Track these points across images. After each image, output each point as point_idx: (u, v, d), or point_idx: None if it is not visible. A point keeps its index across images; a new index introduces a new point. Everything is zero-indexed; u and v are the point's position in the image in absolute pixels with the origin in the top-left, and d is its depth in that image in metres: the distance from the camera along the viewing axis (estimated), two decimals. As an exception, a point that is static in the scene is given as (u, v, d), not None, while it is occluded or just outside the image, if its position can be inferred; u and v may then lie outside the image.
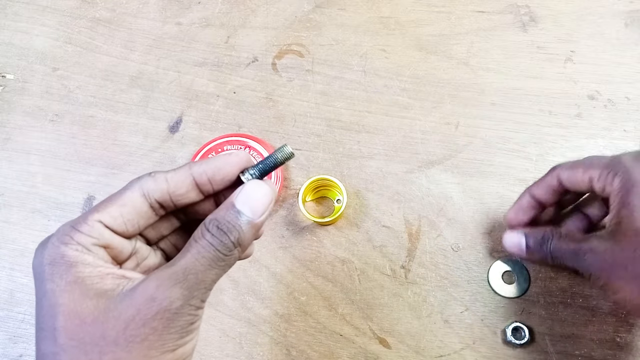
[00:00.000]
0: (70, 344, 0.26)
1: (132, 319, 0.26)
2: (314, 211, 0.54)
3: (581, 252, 0.37)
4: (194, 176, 0.31)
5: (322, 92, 0.60)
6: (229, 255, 0.28)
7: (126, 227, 0.29)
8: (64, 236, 0.28)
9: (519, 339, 0.47)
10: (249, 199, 0.29)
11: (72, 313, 0.26)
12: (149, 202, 0.30)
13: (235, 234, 0.28)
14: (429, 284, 0.51)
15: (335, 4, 0.64)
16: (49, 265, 0.27)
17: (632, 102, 0.56)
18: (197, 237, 0.28)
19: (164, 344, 0.26)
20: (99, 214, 0.29)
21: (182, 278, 0.27)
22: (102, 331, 0.26)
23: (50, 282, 0.27)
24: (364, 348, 0.49)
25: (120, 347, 0.26)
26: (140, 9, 0.66)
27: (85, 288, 0.26)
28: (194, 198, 0.31)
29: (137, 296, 0.26)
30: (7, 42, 0.65)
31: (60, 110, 0.61)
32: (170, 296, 0.26)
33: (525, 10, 0.62)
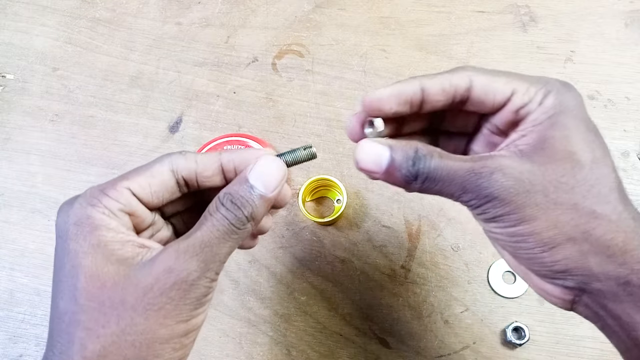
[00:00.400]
0: (89, 305, 0.27)
1: (150, 288, 0.27)
2: (314, 211, 0.54)
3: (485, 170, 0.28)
4: (222, 162, 0.32)
5: (322, 92, 0.60)
6: (242, 228, 0.29)
7: (152, 198, 0.30)
8: (92, 198, 0.29)
9: (519, 339, 0.47)
10: (262, 174, 0.30)
11: (94, 276, 0.27)
12: (176, 178, 0.31)
13: (249, 209, 0.29)
14: (429, 284, 0.51)
15: (335, 4, 0.64)
16: (74, 225, 0.28)
17: (632, 102, 0.56)
18: (212, 210, 0.29)
19: (179, 314, 0.28)
20: (128, 182, 0.30)
21: (198, 250, 0.28)
22: (122, 296, 0.27)
23: (74, 242, 0.28)
24: (364, 348, 0.49)
25: (137, 313, 0.27)
26: (140, 9, 0.66)
27: (107, 253, 0.27)
28: (217, 183, 0.32)
29: (156, 266, 0.27)
30: (7, 42, 0.65)
31: (60, 110, 0.61)
32: (188, 268, 0.27)
33: (525, 10, 0.62)
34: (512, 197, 0.27)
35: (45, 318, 0.52)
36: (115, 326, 0.27)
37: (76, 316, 0.27)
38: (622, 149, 0.54)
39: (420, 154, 0.29)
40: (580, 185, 0.27)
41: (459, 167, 0.29)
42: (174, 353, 0.28)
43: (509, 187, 0.27)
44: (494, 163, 0.28)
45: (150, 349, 0.27)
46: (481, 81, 0.30)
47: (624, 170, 0.54)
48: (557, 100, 0.28)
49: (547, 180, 0.27)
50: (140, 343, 0.27)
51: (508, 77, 0.30)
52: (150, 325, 0.27)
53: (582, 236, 0.27)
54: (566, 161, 0.27)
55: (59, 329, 0.28)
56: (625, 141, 0.55)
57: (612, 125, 0.56)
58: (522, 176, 0.27)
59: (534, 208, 0.27)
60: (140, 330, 0.27)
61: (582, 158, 0.27)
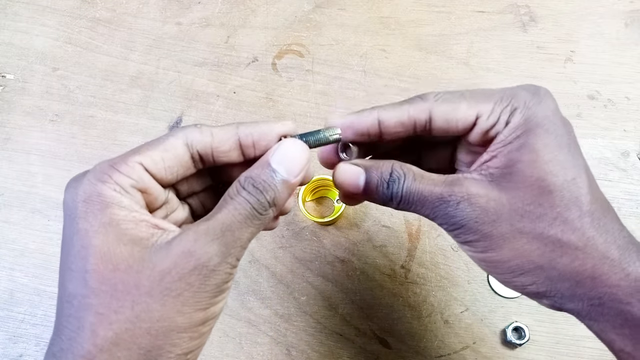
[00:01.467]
0: (101, 289, 0.25)
1: (168, 272, 0.25)
2: (314, 211, 0.54)
3: (453, 199, 0.28)
4: (239, 136, 0.30)
5: (322, 92, 0.60)
6: (264, 214, 0.28)
7: (165, 174, 0.29)
8: (102, 174, 0.27)
9: (519, 339, 0.47)
10: (284, 158, 0.29)
11: (105, 257, 0.25)
12: (190, 152, 0.29)
13: (272, 194, 0.28)
14: (429, 284, 0.51)
15: (335, 4, 0.64)
16: (83, 202, 0.26)
17: (632, 102, 0.56)
18: (233, 194, 0.28)
19: (198, 302, 0.26)
20: (140, 156, 0.28)
21: (219, 234, 0.26)
22: (137, 280, 0.25)
23: (84, 220, 0.26)
24: (364, 348, 0.49)
25: (154, 299, 0.25)
26: (140, 9, 0.66)
27: (119, 232, 0.26)
28: (235, 158, 0.30)
29: (174, 249, 0.25)
30: (7, 42, 0.65)
31: (60, 110, 0.61)
32: (208, 252, 0.26)
33: (525, 10, 0.62)
34: (478, 226, 0.28)
35: (46, 318, 0.52)
36: (129, 312, 0.25)
37: (86, 300, 0.25)
38: (622, 149, 0.54)
39: (395, 176, 0.30)
40: (546, 214, 0.27)
41: (429, 192, 0.29)
42: (191, 342, 0.27)
43: (474, 217, 0.28)
44: (462, 191, 0.28)
45: (166, 337, 0.25)
46: (441, 111, 0.29)
47: (624, 170, 0.54)
48: (523, 118, 0.28)
49: (513, 209, 0.27)
50: (156, 331, 0.25)
51: (471, 100, 0.29)
52: (167, 312, 0.25)
53: (549, 264, 0.27)
54: (533, 188, 0.27)
55: (68, 313, 0.26)
56: (625, 141, 0.55)
57: (612, 125, 0.55)
58: (488, 205, 0.28)
59: (499, 238, 0.27)
60: (157, 317, 0.25)
61: (551, 183, 0.27)
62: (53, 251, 0.54)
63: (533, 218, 0.27)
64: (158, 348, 0.25)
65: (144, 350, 0.25)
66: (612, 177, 0.54)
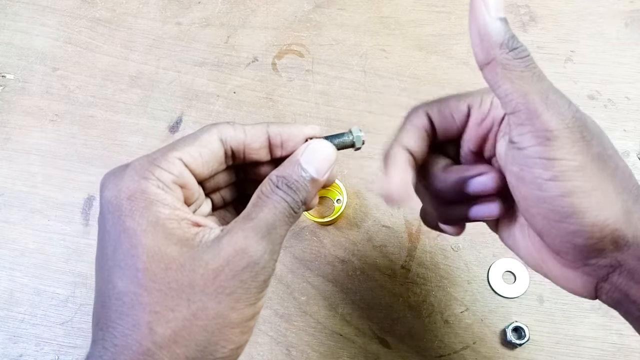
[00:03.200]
0: (154, 287, 0.25)
1: (221, 270, 0.26)
2: (314, 211, 0.54)
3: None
4: (269, 134, 0.31)
5: (322, 92, 0.60)
6: (298, 212, 0.29)
7: (202, 170, 0.29)
8: (144, 170, 0.27)
9: (519, 339, 0.47)
10: (314, 158, 0.30)
11: (157, 256, 0.25)
12: (224, 148, 0.30)
13: (304, 193, 0.29)
14: (429, 284, 0.51)
15: (335, 4, 0.64)
16: (128, 200, 0.26)
17: (632, 102, 0.56)
18: (268, 192, 0.28)
19: (249, 297, 0.27)
20: (179, 152, 0.28)
21: (266, 232, 0.27)
22: (191, 279, 0.25)
23: (131, 219, 0.26)
24: (364, 348, 0.49)
25: (208, 297, 0.25)
26: (140, 9, 0.66)
27: (167, 232, 0.26)
28: (263, 157, 0.31)
29: (225, 247, 0.26)
30: (7, 42, 0.65)
31: (60, 110, 0.61)
32: (259, 249, 0.26)
33: (525, 10, 0.62)
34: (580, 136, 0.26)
35: (46, 318, 0.52)
36: (186, 310, 0.25)
37: (139, 298, 0.25)
38: (622, 149, 0.54)
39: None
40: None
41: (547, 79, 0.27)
42: (242, 337, 0.27)
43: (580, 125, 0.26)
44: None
45: (222, 333, 0.26)
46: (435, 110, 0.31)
47: (624, 170, 0.54)
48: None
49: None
50: (212, 328, 0.26)
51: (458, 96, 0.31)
52: (222, 309, 0.26)
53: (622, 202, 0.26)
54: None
55: (119, 311, 0.26)
56: (625, 141, 0.55)
57: (612, 125, 0.56)
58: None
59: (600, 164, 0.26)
60: (212, 314, 0.26)
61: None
62: (53, 251, 0.54)
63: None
64: (214, 344, 0.26)
65: (201, 346, 0.26)
66: (612, 177, 0.54)
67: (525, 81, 0.26)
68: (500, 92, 0.27)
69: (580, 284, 0.28)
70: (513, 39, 0.27)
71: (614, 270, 0.26)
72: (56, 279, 0.53)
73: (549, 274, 0.30)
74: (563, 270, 0.29)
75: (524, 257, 0.32)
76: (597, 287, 0.28)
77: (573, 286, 0.29)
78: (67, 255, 0.54)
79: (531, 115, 0.26)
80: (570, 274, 0.28)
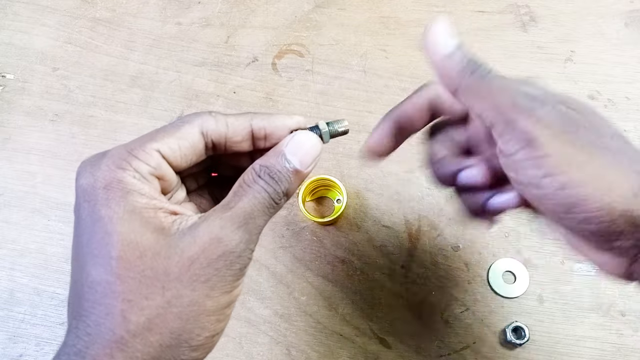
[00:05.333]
0: (128, 275, 0.25)
1: (196, 258, 0.26)
2: (314, 211, 0.54)
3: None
4: (253, 128, 0.30)
5: (322, 92, 0.60)
6: (279, 203, 0.29)
7: (181, 162, 0.29)
8: (121, 160, 0.27)
9: (519, 339, 0.47)
10: (299, 149, 0.29)
11: (132, 244, 0.25)
12: (205, 141, 0.30)
13: (286, 184, 0.29)
14: (429, 284, 0.51)
15: (335, 4, 0.64)
16: (104, 189, 0.26)
17: (632, 102, 0.56)
18: (249, 182, 0.28)
19: (224, 285, 0.27)
20: (157, 143, 0.28)
21: (243, 222, 0.27)
22: (165, 267, 0.25)
23: (106, 207, 0.26)
24: (364, 348, 0.49)
25: (183, 285, 0.26)
26: (140, 9, 0.66)
27: (143, 220, 0.26)
28: (245, 148, 0.31)
29: (201, 235, 0.26)
30: (7, 42, 0.65)
31: (60, 110, 0.61)
32: (235, 239, 0.27)
33: (525, 10, 0.62)
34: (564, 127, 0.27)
35: (46, 318, 0.52)
36: (160, 298, 0.25)
37: (112, 286, 0.25)
38: (622, 149, 0.54)
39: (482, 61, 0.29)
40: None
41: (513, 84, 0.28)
42: (218, 324, 0.27)
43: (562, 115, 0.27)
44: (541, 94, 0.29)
45: (196, 321, 0.26)
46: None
47: (624, 170, 0.54)
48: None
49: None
50: (186, 315, 0.26)
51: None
52: (197, 296, 0.26)
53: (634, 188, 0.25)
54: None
55: (92, 299, 0.26)
56: (625, 141, 0.55)
57: (612, 125, 0.55)
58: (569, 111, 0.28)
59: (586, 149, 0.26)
60: (187, 302, 0.26)
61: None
62: (53, 251, 0.54)
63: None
64: (189, 331, 0.26)
65: (176, 334, 0.26)
66: (612, 177, 0.54)
67: (492, 96, 0.27)
68: (474, 112, 0.28)
69: (615, 266, 0.28)
70: (470, 63, 0.29)
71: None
72: (56, 279, 0.53)
73: (590, 259, 0.30)
74: (597, 255, 0.29)
75: (567, 245, 0.31)
76: (630, 269, 0.27)
77: (609, 269, 0.29)
78: (67, 255, 0.54)
79: (507, 125, 0.27)
80: (604, 258, 0.28)
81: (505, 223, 0.52)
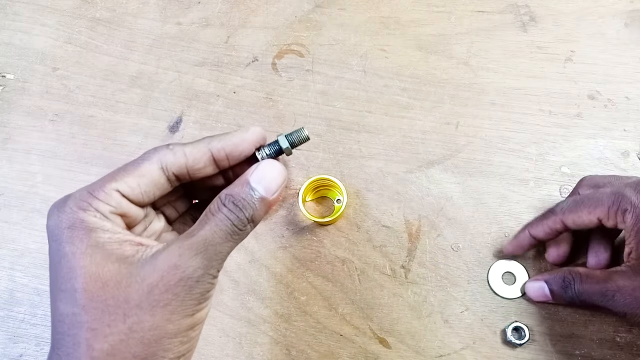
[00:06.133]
0: (91, 305, 0.27)
1: (155, 285, 0.27)
2: (314, 211, 0.54)
3: (609, 293, 0.38)
4: (212, 152, 0.32)
5: (322, 92, 0.60)
6: (243, 230, 0.30)
7: (142, 198, 0.30)
8: (82, 202, 0.29)
9: (519, 339, 0.47)
10: (263, 177, 0.30)
11: (94, 276, 0.27)
12: (166, 174, 0.31)
13: (250, 211, 0.30)
14: (429, 284, 0.51)
15: (335, 3, 0.64)
16: (68, 229, 0.28)
17: (632, 102, 0.56)
18: (214, 210, 0.29)
19: (185, 309, 0.28)
20: (117, 183, 0.29)
21: (202, 249, 0.28)
22: (126, 295, 0.27)
23: (70, 244, 0.28)
24: (364, 348, 0.49)
25: (143, 311, 0.27)
26: (140, 9, 0.66)
27: (106, 252, 0.27)
28: (210, 172, 0.32)
29: (160, 263, 0.27)
30: (7, 42, 0.65)
31: (60, 110, 0.61)
32: (192, 265, 0.28)
33: (525, 10, 0.62)
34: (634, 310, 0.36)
35: (46, 318, 0.52)
36: (121, 324, 0.27)
37: (77, 318, 0.27)
38: (622, 149, 0.54)
39: (567, 281, 0.42)
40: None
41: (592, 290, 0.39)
42: (182, 346, 0.28)
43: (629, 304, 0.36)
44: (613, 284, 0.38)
45: (158, 344, 0.27)
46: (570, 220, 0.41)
47: (624, 170, 0.54)
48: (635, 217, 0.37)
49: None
50: (148, 339, 0.27)
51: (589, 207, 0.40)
52: (157, 321, 0.27)
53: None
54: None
55: (61, 332, 0.27)
56: (625, 141, 0.55)
57: (612, 125, 0.56)
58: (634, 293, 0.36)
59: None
60: (148, 326, 0.27)
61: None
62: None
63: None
64: (152, 355, 0.27)
65: (139, 357, 0.27)
66: (612, 177, 0.54)
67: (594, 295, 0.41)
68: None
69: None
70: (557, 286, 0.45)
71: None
72: (56, 279, 0.53)
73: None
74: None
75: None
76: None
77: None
78: (67, 255, 0.54)
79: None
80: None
81: (505, 223, 0.52)
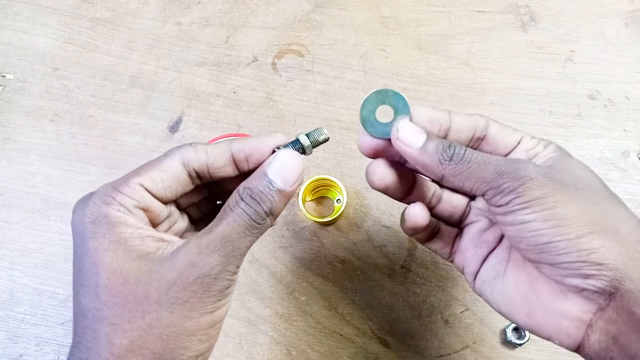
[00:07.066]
0: (112, 301, 0.27)
1: (174, 282, 0.27)
2: (314, 211, 0.54)
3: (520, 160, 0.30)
4: (232, 152, 0.32)
5: (322, 92, 0.60)
6: (261, 223, 0.29)
7: (165, 193, 0.31)
8: (106, 196, 0.29)
9: (519, 339, 0.47)
10: (281, 168, 0.30)
11: (116, 272, 0.27)
12: (187, 170, 0.31)
13: (268, 204, 0.29)
14: (429, 284, 0.51)
15: (335, 4, 0.64)
16: (91, 223, 0.28)
17: (632, 102, 0.56)
18: (232, 205, 0.29)
19: (204, 306, 0.28)
20: (140, 178, 0.30)
21: (220, 245, 0.28)
22: (145, 291, 0.27)
23: (93, 240, 0.28)
24: (364, 348, 0.49)
25: (162, 307, 0.27)
26: (140, 9, 0.66)
27: (128, 249, 0.28)
28: (230, 173, 0.32)
29: (179, 261, 0.27)
30: (7, 42, 0.65)
31: (60, 110, 0.61)
32: (210, 262, 0.28)
33: (525, 10, 0.62)
34: (549, 179, 0.28)
35: (46, 318, 0.52)
36: (141, 321, 0.27)
37: (99, 312, 0.27)
38: (622, 149, 0.54)
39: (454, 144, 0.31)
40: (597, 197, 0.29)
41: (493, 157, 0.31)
42: (201, 345, 0.29)
43: (546, 172, 0.29)
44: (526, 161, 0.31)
45: (177, 341, 0.27)
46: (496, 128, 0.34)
47: (624, 170, 0.54)
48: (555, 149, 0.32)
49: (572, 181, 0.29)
50: (167, 336, 0.27)
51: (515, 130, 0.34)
52: (175, 318, 0.27)
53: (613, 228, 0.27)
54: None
55: (83, 326, 0.28)
56: (625, 141, 0.55)
57: (612, 125, 0.55)
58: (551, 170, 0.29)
59: (570, 192, 0.28)
60: (166, 323, 0.27)
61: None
62: (53, 251, 0.54)
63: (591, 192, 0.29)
64: (170, 351, 0.27)
65: (158, 354, 0.27)
66: (612, 177, 0.54)
67: (478, 170, 0.30)
68: (466, 189, 0.30)
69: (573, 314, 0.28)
70: (445, 150, 0.30)
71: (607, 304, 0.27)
72: (56, 279, 0.53)
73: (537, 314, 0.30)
74: (552, 300, 0.29)
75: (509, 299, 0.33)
76: (590, 322, 0.28)
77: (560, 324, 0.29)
78: (67, 255, 0.54)
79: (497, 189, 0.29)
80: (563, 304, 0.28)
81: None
